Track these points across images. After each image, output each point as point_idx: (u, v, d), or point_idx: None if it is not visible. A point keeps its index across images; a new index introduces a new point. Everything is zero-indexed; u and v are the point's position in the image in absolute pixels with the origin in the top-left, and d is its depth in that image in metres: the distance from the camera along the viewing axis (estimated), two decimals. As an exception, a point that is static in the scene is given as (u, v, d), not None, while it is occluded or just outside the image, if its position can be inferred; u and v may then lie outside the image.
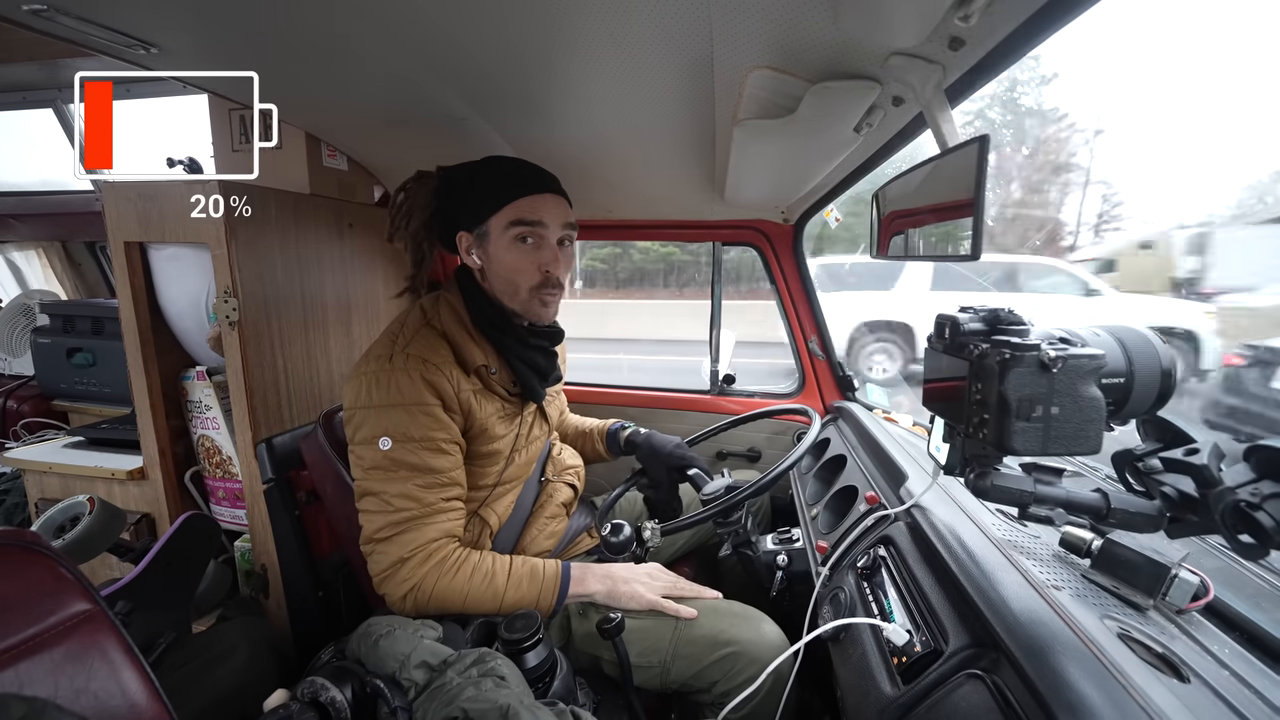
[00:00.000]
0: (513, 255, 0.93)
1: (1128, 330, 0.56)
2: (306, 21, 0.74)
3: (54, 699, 0.50)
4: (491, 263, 0.95)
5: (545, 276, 0.95)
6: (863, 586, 0.76)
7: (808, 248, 1.58)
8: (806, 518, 1.10)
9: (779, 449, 1.64)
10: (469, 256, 0.97)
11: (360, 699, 0.69)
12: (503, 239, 0.93)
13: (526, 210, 0.92)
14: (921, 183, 0.67)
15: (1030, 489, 0.58)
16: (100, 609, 0.57)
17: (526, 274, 0.94)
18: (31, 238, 2.48)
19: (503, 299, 0.97)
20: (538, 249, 0.94)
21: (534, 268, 0.94)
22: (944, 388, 0.59)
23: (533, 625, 0.77)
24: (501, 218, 0.93)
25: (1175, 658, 0.50)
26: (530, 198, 0.93)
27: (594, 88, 0.86)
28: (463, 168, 0.98)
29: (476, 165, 0.97)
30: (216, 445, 1.29)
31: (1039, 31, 0.52)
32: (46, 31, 0.74)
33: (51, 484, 1.37)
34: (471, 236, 0.95)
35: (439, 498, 0.89)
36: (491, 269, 0.96)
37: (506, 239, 0.93)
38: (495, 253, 0.94)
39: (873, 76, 0.66)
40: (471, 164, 0.98)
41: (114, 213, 1.14)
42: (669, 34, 0.67)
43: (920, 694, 0.56)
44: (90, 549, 0.96)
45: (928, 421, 0.80)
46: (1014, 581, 0.59)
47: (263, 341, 1.15)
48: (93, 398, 1.79)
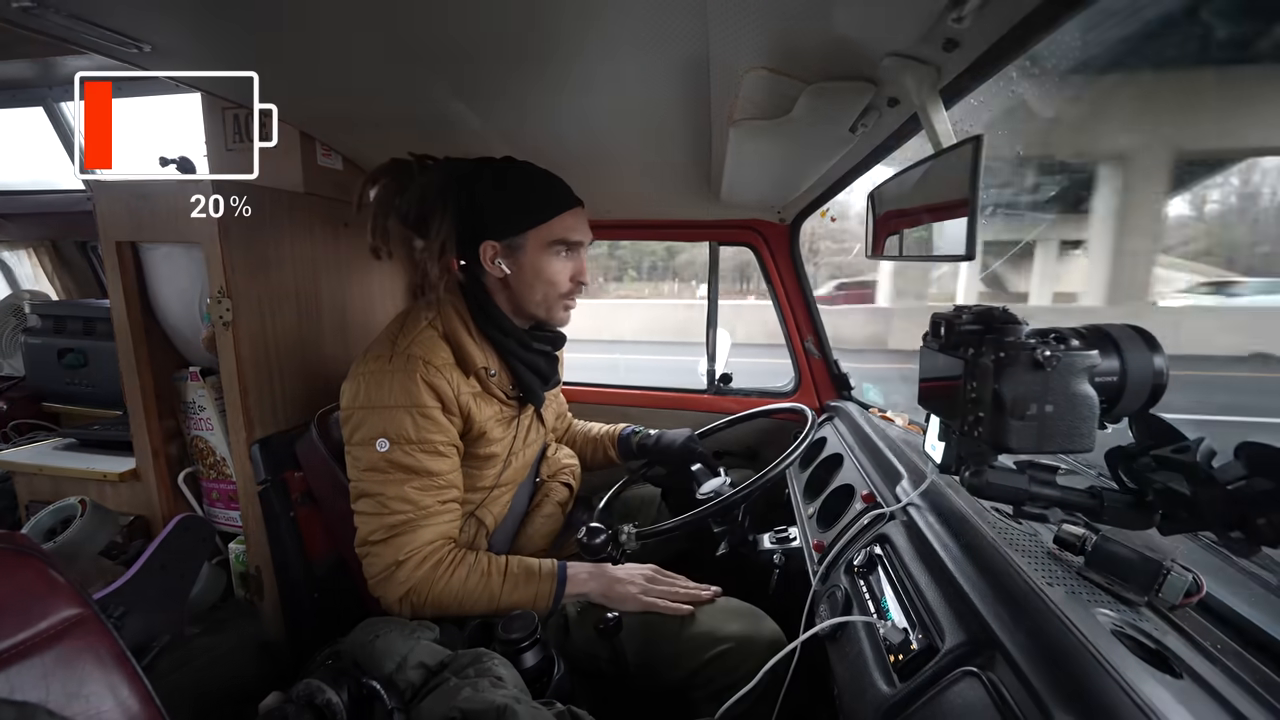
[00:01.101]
0: (551, 269, 0.95)
1: (1120, 329, 0.57)
2: (300, 20, 0.73)
3: (45, 704, 0.49)
4: (523, 273, 0.95)
5: (575, 286, 0.98)
6: (859, 584, 0.77)
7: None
8: (803, 516, 1.11)
9: (776, 448, 1.64)
10: (493, 265, 0.95)
11: (356, 701, 0.69)
12: (543, 254, 0.95)
13: (570, 229, 0.95)
14: (916, 183, 0.67)
15: (1025, 487, 0.58)
16: (92, 612, 0.57)
17: (560, 285, 0.97)
18: (22, 237, 2.46)
19: (525, 305, 0.97)
20: (571, 261, 0.98)
21: (566, 279, 0.97)
22: (939, 386, 0.60)
23: (530, 625, 0.77)
24: (542, 234, 0.94)
25: (1169, 653, 0.50)
26: (571, 215, 0.96)
27: (590, 87, 0.86)
28: (480, 172, 0.96)
29: (499, 172, 0.95)
30: (210, 446, 1.28)
31: (1033, 33, 0.52)
32: (37, 29, 0.73)
33: (42, 486, 1.36)
34: (500, 246, 0.95)
35: (435, 500, 0.88)
36: (522, 279, 0.95)
37: (547, 254, 0.95)
38: (529, 264, 0.95)
39: (868, 78, 0.66)
40: (490, 168, 0.96)
41: (106, 212, 1.13)
42: (665, 34, 0.67)
43: (916, 691, 0.56)
44: (82, 552, 0.95)
45: (923, 420, 0.81)
46: (1009, 579, 0.59)
47: (257, 342, 1.15)
48: (84, 399, 1.77)
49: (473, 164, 0.97)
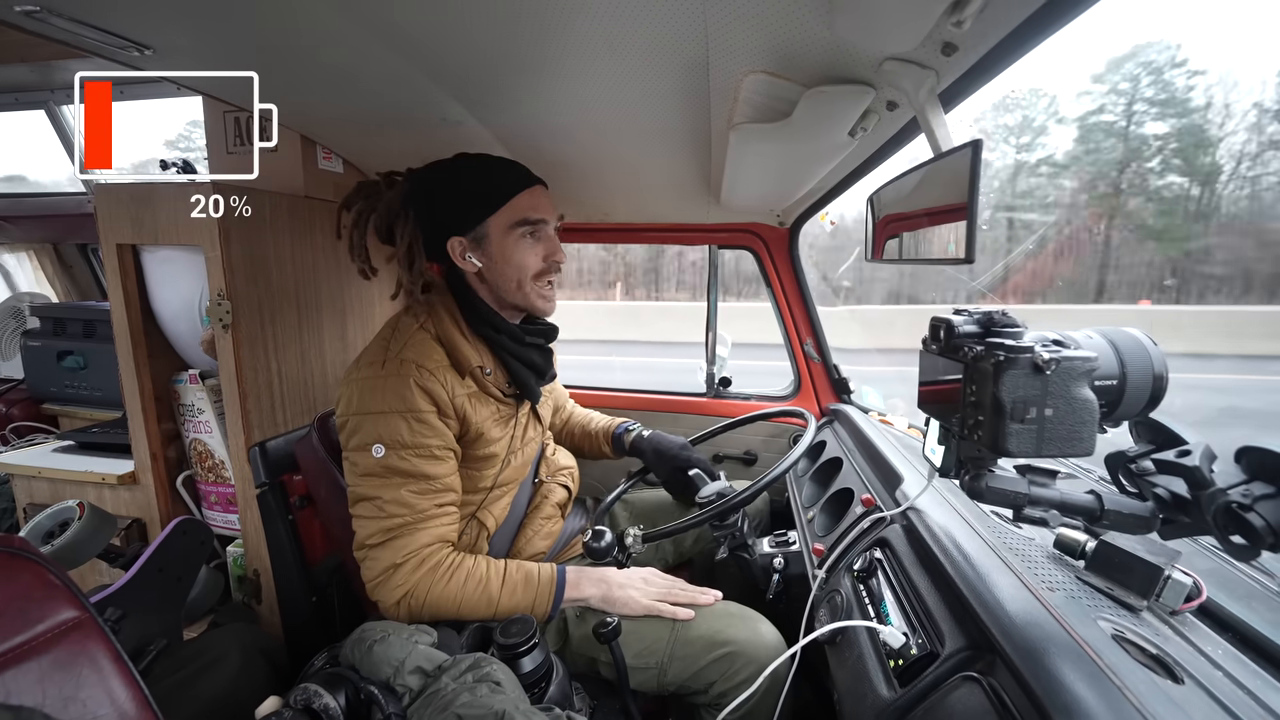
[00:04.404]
0: (519, 253, 0.95)
1: (1120, 333, 0.57)
2: (300, 24, 0.74)
3: (41, 708, 0.49)
4: (493, 262, 0.95)
5: (549, 266, 0.98)
6: (859, 589, 0.76)
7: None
8: (803, 520, 1.10)
9: (775, 452, 1.65)
10: (464, 260, 0.96)
11: (354, 705, 0.68)
12: (507, 238, 0.94)
13: (528, 209, 0.95)
14: (916, 186, 0.67)
15: (1025, 491, 0.58)
16: (90, 616, 0.57)
17: (530, 266, 0.96)
18: (23, 240, 2.46)
19: (504, 295, 0.98)
20: (540, 241, 0.97)
21: (538, 259, 0.97)
22: (939, 390, 0.60)
23: (528, 630, 0.76)
24: (502, 219, 0.93)
25: (1169, 659, 0.50)
26: (527, 195, 0.95)
27: (590, 90, 0.87)
28: (434, 173, 0.96)
29: (452, 168, 0.96)
30: (209, 449, 1.28)
31: (1032, 37, 0.52)
32: (39, 33, 0.74)
33: (40, 489, 1.36)
34: (466, 240, 0.95)
35: (433, 504, 0.88)
36: (494, 268, 0.96)
37: (512, 238, 0.94)
38: (498, 252, 0.95)
39: (867, 81, 0.66)
40: (441, 167, 0.97)
41: (106, 215, 1.13)
42: (665, 38, 0.68)
43: (917, 697, 0.56)
44: (79, 555, 0.95)
45: (923, 424, 0.81)
46: (1009, 583, 0.59)
47: (256, 344, 1.15)
48: (83, 401, 1.77)
49: (428, 168, 0.98)
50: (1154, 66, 7.86)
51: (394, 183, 1.01)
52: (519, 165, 0.99)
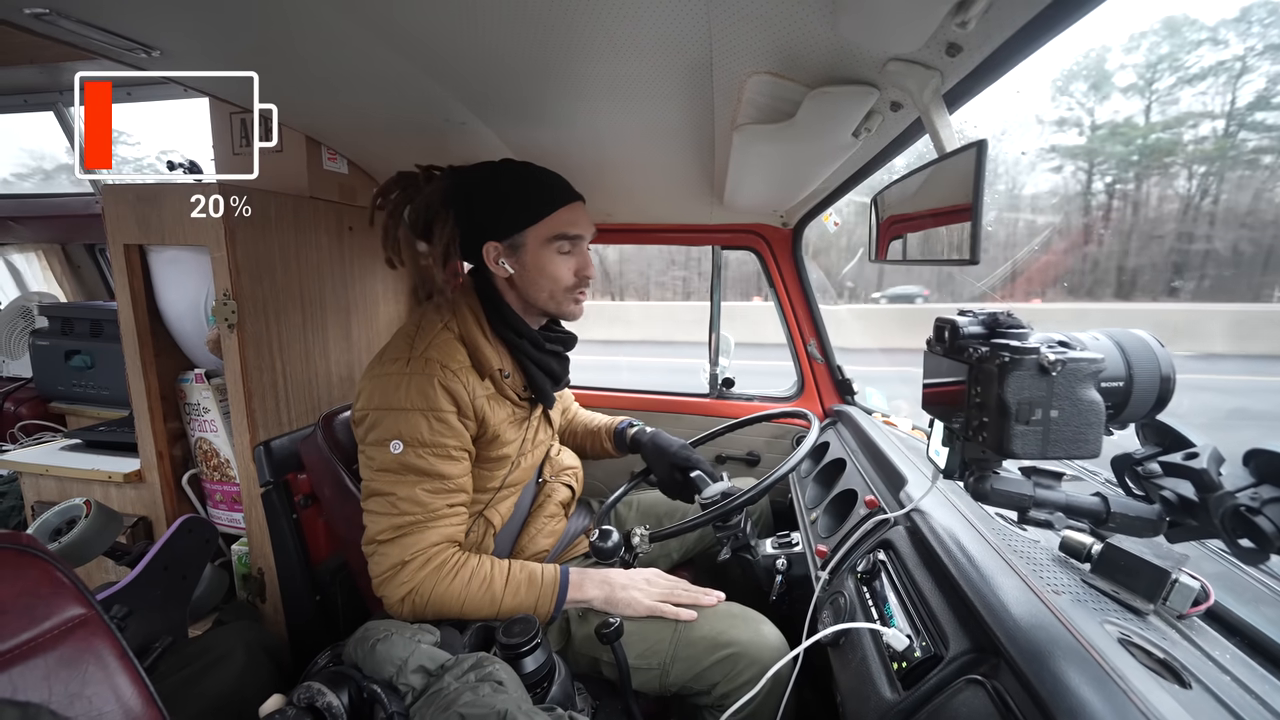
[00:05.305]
0: (553, 265, 0.96)
1: (1127, 334, 0.56)
2: (306, 25, 0.74)
3: (48, 704, 0.49)
4: (526, 271, 0.96)
5: (580, 280, 0.98)
6: (862, 591, 0.76)
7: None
8: (806, 522, 1.10)
9: (778, 453, 1.64)
10: (497, 265, 0.96)
11: (357, 704, 0.69)
12: (544, 250, 0.95)
13: (568, 224, 0.95)
14: (920, 187, 0.67)
15: (1030, 493, 0.58)
16: (96, 613, 0.57)
17: (564, 280, 0.97)
18: (31, 240, 2.48)
19: (533, 301, 0.98)
20: (574, 255, 0.98)
21: (571, 273, 0.97)
22: (943, 391, 0.59)
23: (531, 630, 0.76)
24: (541, 231, 0.94)
25: (1176, 663, 0.49)
26: (568, 210, 0.96)
27: (593, 91, 0.87)
28: (477, 175, 0.97)
29: (495, 173, 0.96)
30: (214, 448, 1.28)
31: (1037, 37, 0.52)
32: (47, 35, 0.74)
33: (48, 486, 1.37)
34: (502, 246, 0.95)
35: (444, 503, 0.89)
36: (526, 276, 0.96)
37: (548, 251, 0.95)
38: (533, 262, 0.95)
39: (871, 82, 0.66)
40: (487, 171, 0.97)
41: (114, 215, 1.14)
42: (668, 38, 0.68)
43: (921, 699, 0.55)
44: (86, 552, 0.96)
45: (927, 425, 0.80)
46: (1014, 586, 0.59)
47: (261, 344, 1.15)
48: (90, 400, 1.78)
49: (472, 169, 0.98)
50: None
51: (432, 177, 1.01)
52: (561, 179, 0.99)
